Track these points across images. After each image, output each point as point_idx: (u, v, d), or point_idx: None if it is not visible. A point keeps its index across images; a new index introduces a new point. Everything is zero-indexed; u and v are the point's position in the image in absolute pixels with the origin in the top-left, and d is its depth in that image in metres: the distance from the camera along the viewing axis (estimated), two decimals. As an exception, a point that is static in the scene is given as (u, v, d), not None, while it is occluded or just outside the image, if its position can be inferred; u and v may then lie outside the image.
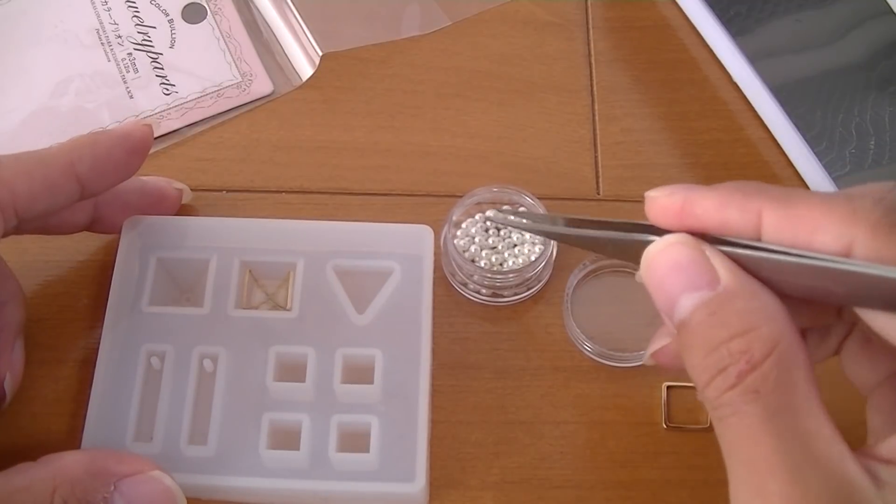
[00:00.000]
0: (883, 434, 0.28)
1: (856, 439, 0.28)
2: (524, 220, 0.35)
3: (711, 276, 0.28)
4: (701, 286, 0.28)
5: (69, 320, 0.42)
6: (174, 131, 0.47)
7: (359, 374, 0.38)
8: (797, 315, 0.30)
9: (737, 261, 0.28)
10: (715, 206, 0.29)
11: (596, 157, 0.47)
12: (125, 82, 0.49)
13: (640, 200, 0.31)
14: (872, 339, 0.31)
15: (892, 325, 0.27)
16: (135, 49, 0.50)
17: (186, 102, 0.48)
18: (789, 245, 0.28)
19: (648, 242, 0.30)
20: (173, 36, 0.50)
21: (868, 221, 0.26)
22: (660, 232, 0.30)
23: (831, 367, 0.33)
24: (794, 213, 0.27)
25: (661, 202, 0.30)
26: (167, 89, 0.48)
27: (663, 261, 0.29)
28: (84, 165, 0.37)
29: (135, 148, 0.39)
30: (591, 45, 0.50)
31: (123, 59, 0.49)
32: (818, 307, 0.31)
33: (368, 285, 0.40)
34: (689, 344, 0.28)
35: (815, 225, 0.27)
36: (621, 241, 0.31)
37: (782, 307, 0.28)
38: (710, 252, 0.28)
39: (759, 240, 0.28)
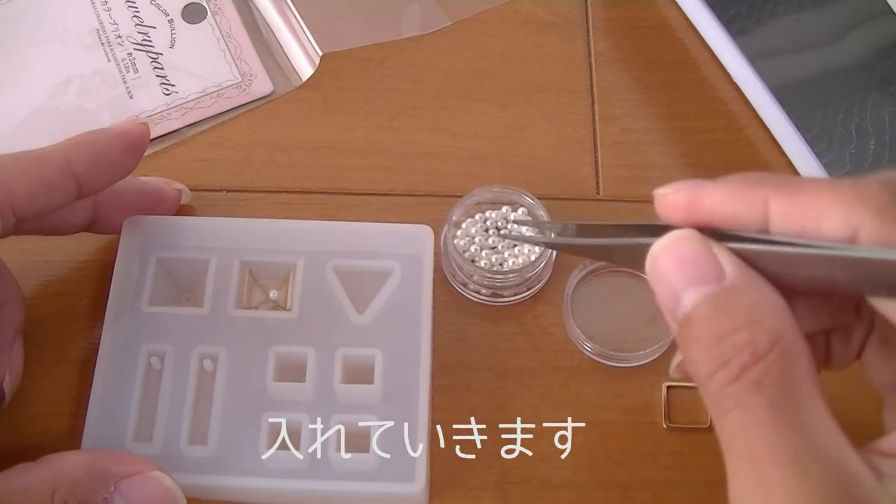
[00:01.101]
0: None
1: (858, 437, 0.27)
2: (532, 234, 0.33)
3: (717, 271, 0.28)
4: (706, 280, 0.28)
5: (69, 320, 0.42)
6: (174, 131, 0.47)
7: (359, 374, 0.38)
8: (816, 315, 0.30)
9: (743, 257, 0.28)
10: (722, 198, 0.29)
11: (596, 157, 0.47)
12: (125, 82, 0.49)
13: (641, 200, 0.31)
14: (889, 339, 0.31)
15: None
16: (135, 49, 0.49)
17: (186, 102, 0.48)
18: (797, 233, 0.27)
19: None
20: (173, 36, 0.50)
21: (873, 205, 0.26)
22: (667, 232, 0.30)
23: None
24: (801, 201, 0.27)
25: (670, 199, 0.30)
26: (167, 89, 0.48)
27: (668, 256, 0.29)
28: (81, 164, 0.37)
29: (132, 146, 0.39)
30: (591, 45, 0.50)
31: (123, 59, 0.49)
32: (836, 306, 0.31)
33: (368, 285, 0.40)
34: (692, 338, 0.28)
35: (822, 212, 0.27)
36: (629, 247, 0.31)
37: (785, 304, 0.28)
38: (716, 248, 0.28)
39: (766, 231, 0.28)
